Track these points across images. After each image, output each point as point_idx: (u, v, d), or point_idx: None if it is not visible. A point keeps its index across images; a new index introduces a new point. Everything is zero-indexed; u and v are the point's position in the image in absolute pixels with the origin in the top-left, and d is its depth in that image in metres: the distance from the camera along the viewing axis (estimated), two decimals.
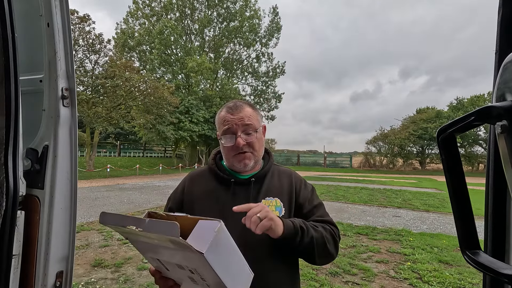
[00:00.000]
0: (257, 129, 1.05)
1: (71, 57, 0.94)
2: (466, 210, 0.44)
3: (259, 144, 1.07)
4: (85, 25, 17.55)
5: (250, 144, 1.04)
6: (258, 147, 1.06)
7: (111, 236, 5.24)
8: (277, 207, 1.04)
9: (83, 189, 11.32)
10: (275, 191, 1.08)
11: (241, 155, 1.04)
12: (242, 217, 0.88)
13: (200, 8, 30.34)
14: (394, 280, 3.73)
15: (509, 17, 0.54)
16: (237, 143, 1.01)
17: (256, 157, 1.07)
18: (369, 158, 36.30)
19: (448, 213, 8.31)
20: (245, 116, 1.04)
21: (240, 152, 1.03)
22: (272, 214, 0.87)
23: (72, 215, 0.95)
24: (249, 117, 1.04)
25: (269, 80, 33.89)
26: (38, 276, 0.87)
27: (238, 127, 1.02)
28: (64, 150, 0.93)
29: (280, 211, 1.04)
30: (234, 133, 1.02)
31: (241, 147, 1.02)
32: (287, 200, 1.08)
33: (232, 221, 0.92)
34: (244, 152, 1.03)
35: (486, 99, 33.09)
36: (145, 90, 20.49)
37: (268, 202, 1.04)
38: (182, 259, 0.68)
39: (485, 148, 30.26)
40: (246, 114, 1.04)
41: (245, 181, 1.07)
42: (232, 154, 1.05)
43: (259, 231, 0.82)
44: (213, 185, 1.08)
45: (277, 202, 1.05)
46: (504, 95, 0.37)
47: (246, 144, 1.03)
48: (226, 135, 1.04)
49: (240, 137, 1.02)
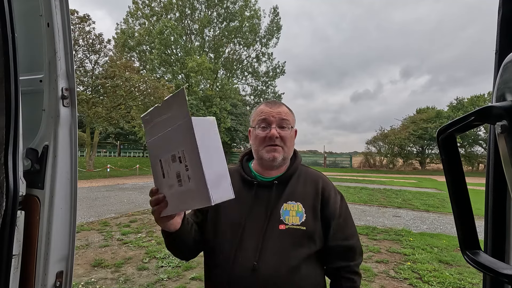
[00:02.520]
0: (292, 126, 1.07)
1: (71, 57, 0.94)
2: (466, 210, 0.44)
3: (290, 142, 1.06)
4: (85, 25, 17.55)
5: (283, 138, 1.03)
6: (289, 144, 1.06)
7: (111, 236, 5.24)
8: (298, 212, 1.01)
9: (83, 189, 11.32)
10: (298, 196, 1.04)
11: (271, 147, 1.03)
12: (261, 219, 0.97)
13: (200, 8, 30.34)
14: (394, 280, 3.73)
15: (509, 17, 0.54)
16: (271, 134, 1.02)
17: (286, 154, 1.06)
18: (369, 158, 36.29)
19: (448, 213, 8.31)
20: (282, 111, 1.06)
21: (271, 144, 1.03)
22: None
23: (72, 215, 0.95)
24: (286, 113, 1.06)
25: (269, 80, 33.91)
26: (38, 276, 0.87)
27: (275, 119, 1.03)
28: (64, 150, 0.93)
29: (301, 217, 1.00)
30: (270, 124, 1.03)
31: (273, 139, 1.02)
32: (311, 206, 1.03)
33: (252, 222, 1.00)
34: (275, 145, 1.03)
35: (486, 99, 33.09)
36: (145, 90, 20.49)
37: (290, 206, 1.01)
38: (178, 143, 0.75)
39: (485, 148, 30.26)
40: (284, 111, 1.06)
41: (268, 184, 1.06)
42: (263, 145, 1.04)
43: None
44: (238, 185, 1.07)
45: (298, 207, 1.02)
46: (504, 95, 0.37)
47: (279, 137, 1.03)
48: (261, 125, 1.04)
49: (274, 129, 1.02)
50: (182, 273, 3.75)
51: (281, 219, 0.98)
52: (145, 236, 5.33)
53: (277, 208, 1.01)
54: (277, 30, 32.47)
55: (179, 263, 4.03)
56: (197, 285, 3.43)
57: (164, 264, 4.00)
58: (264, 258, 0.93)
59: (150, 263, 4.06)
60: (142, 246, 4.75)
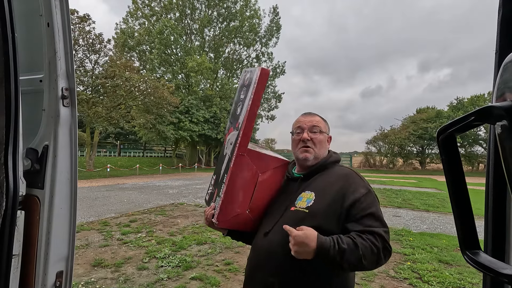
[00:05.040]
0: (322, 131, 1.27)
1: (71, 57, 0.94)
2: (466, 210, 0.44)
3: (320, 145, 1.26)
4: (85, 25, 17.54)
5: (313, 140, 1.25)
6: (319, 147, 1.26)
7: (111, 236, 5.24)
8: (308, 199, 1.17)
9: (83, 189, 11.32)
10: (316, 187, 1.19)
11: (304, 148, 1.25)
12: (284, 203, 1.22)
13: (200, 7, 30.34)
14: (394, 280, 3.73)
15: (509, 17, 0.54)
16: (303, 137, 1.25)
17: (316, 154, 1.25)
18: (369, 158, 36.31)
19: (448, 213, 8.32)
20: (314, 120, 1.29)
21: (304, 146, 1.25)
22: (300, 240, 0.98)
23: (72, 215, 0.95)
24: (318, 121, 1.29)
25: (269, 80, 33.92)
26: (38, 276, 0.87)
27: (307, 126, 1.27)
28: (64, 150, 0.93)
29: (309, 202, 1.15)
30: (303, 130, 1.27)
31: (305, 141, 1.24)
32: (327, 198, 1.12)
33: (279, 205, 1.25)
34: (307, 146, 1.24)
35: (486, 99, 33.09)
36: (145, 90, 20.49)
37: (305, 194, 1.20)
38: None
39: (485, 148, 30.25)
40: (315, 119, 1.29)
41: (296, 178, 1.29)
42: (298, 147, 1.27)
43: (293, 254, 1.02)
44: (283, 179, 1.36)
45: (310, 196, 1.17)
46: (504, 95, 0.37)
47: (310, 139, 1.24)
48: (296, 131, 1.29)
49: (306, 133, 1.25)
50: (182, 273, 3.75)
51: (294, 203, 1.19)
52: (145, 236, 5.33)
53: (296, 195, 1.22)
54: (277, 30, 32.48)
55: (179, 263, 4.03)
56: (197, 285, 3.43)
57: (164, 264, 4.00)
58: (274, 229, 1.18)
59: (150, 263, 4.06)
60: (142, 246, 4.75)
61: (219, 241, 5.09)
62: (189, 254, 4.44)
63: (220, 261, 4.20)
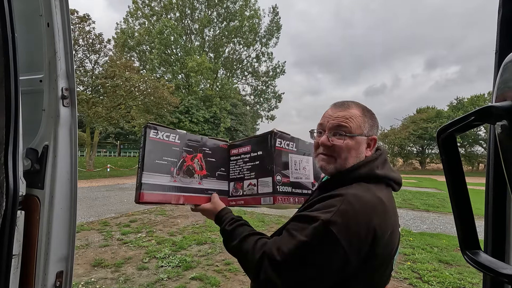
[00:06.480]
0: (353, 134, 0.87)
1: (71, 57, 0.94)
2: (466, 210, 0.44)
3: (348, 152, 0.87)
4: (85, 25, 17.55)
5: (335, 147, 0.88)
6: (345, 155, 0.87)
7: (111, 236, 5.24)
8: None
9: (83, 189, 11.31)
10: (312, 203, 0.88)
11: (320, 156, 0.92)
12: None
13: (200, 7, 30.34)
14: (394, 280, 3.73)
15: (509, 17, 0.54)
16: (320, 141, 0.90)
17: (339, 165, 0.88)
18: None
19: (448, 213, 8.31)
20: (344, 116, 0.89)
21: (321, 153, 0.91)
22: (207, 207, 1.14)
23: (72, 215, 0.95)
24: (349, 118, 0.88)
25: (269, 80, 33.92)
26: (38, 276, 0.87)
27: (331, 126, 0.89)
28: (64, 150, 0.93)
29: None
30: (324, 130, 0.91)
31: (321, 147, 0.91)
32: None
33: None
34: (324, 154, 0.90)
35: (486, 99, 33.09)
36: (145, 90, 20.49)
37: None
38: None
39: (485, 148, 30.26)
40: (347, 115, 0.89)
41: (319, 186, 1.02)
42: (316, 153, 0.95)
43: None
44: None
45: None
46: (504, 95, 0.37)
47: (331, 146, 0.88)
48: (318, 130, 0.94)
49: (326, 136, 0.89)
50: (182, 273, 3.75)
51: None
52: (145, 236, 5.33)
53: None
54: (277, 30, 32.48)
55: (179, 263, 4.03)
56: (197, 285, 3.43)
57: (164, 264, 4.00)
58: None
59: (150, 263, 4.06)
60: (142, 246, 4.75)
61: (219, 241, 5.08)
62: (189, 254, 4.44)
63: (220, 261, 4.20)
